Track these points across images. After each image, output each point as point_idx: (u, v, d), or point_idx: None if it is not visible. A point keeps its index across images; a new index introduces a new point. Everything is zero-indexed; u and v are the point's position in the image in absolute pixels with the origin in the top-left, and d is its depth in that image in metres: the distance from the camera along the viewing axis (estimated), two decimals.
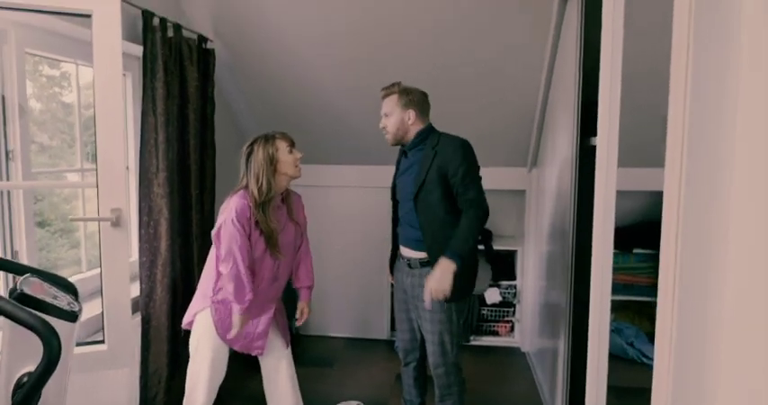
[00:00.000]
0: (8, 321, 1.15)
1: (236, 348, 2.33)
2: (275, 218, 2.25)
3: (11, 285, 1.53)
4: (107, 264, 1.82)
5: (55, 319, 1.18)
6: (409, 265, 2.35)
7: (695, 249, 0.89)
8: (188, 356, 2.42)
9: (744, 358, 0.79)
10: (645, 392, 1.11)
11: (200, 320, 2.30)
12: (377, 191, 3.80)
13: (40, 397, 1.16)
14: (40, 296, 1.18)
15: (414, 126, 2.30)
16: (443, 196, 2.22)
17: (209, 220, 2.89)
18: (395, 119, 2.28)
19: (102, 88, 1.74)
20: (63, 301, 1.23)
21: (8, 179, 2.05)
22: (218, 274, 2.24)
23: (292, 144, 2.31)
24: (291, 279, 2.52)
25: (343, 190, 3.89)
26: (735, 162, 0.81)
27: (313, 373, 3.27)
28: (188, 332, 2.38)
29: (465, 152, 2.22)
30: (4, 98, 2.07)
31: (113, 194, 1.78)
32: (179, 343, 2.62)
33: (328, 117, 3.44)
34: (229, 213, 2.15)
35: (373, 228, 3.83)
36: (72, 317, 1.22)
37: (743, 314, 0.80)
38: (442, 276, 2.07)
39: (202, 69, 2.79)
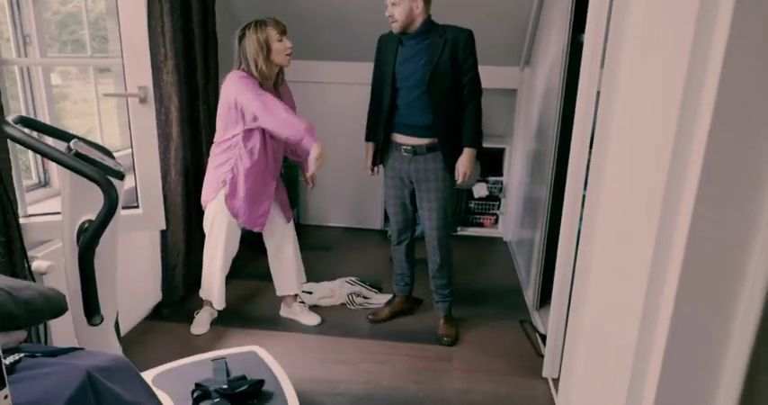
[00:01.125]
0: (68, 175, 1.34)
1: (239, 222, 2.56)
2: None
3: None
4: (137, 137, 2.00)
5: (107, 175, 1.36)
6: (414, 152, 2.53)
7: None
8: (201, 234, 2.68)
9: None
10: None
11: (215, 200, 2.53)
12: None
13: (98, 242, 1.38)
14: (91, 156, 1.36)
15: (420, 15, 2.39)
16: (452, 82, 2.42)
17: (214, 109, 3.00)
18: (403, 7, 2.35)
19: None
20: (109, 162, 1.42)
21: None
22: (225, 155, 2.44)
23: (282, 32, 2.41)
24: (292, 159, 2.76)
25: (339, 86, 3.98)
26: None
27: (313, 256, 3.57)
28: (201, 212, 2.63)
29: (473, 42, 2.43)
30: None
31: (139, 73, 1.92)
32: (193, 221, 2.87)
33: (328, 11, 3.45)
34: (239, 83, 2.32)
35: None
36: (120, 175, 1.41)
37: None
38: (469, 161, 2.49)
39: None
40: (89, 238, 1.30)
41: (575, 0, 2.46)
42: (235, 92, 2.34)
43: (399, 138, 2.57)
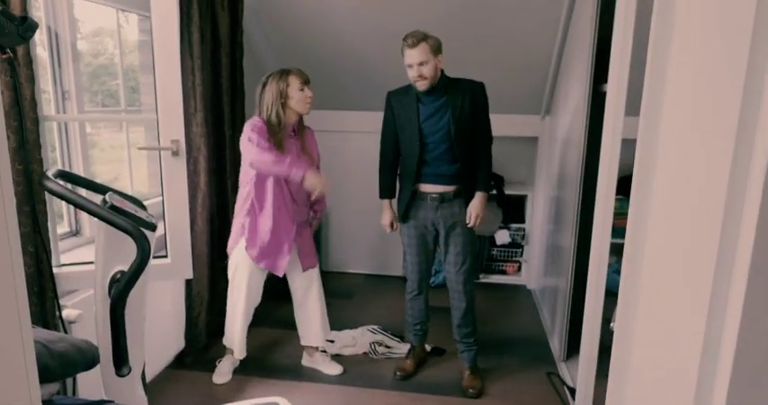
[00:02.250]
0: (102, 227, 1.37)
1: (261, 266, 2.57)
2: (286, 146, 2.48)
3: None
4: (168, 188, 2.06)
5: (139, 227, 1.40)
6: (442, 200, 2.57)
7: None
8: (225, 282, 2.70)
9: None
10: None
11: (238, 247, 2.56)
12: None
13: (129, 293, 1.40)
14: (125, 208, 1.40)
15: (440, 70, 2.47)
16: (473, 132, 2.52)
17: (240, 159, 3.08)
18: (431, 66, 2.40)
19: (160, 26, 1.93)
20: (142, 214, 1.46)
21: None
22: (244, 201, 2.51)
23: (305, 82, 2.49)
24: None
25: (361, 135, 4.05)
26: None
27: (335, 304, 3.55)
28: (226, 259, 2.66)
29: (486, 92, 2.54)
30: (57, 37, 2.25)
31: (172, 127, 2.00)
32: (216, 269, 2.89)
33: (351, 64, 3.56)
34: (247, 129, 2.41)
35: None
36: (152, 227, 1.45)
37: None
38: (482, 205, 2.58)
39: (232, 14, 2.92)
40: (121, 290, 1.32)
41: (595, 51, 2.51)
42: (241, 139, 2.43)
43: (426, 187, 2.59)
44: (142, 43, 3.03)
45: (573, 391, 2.51)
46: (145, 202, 2.17)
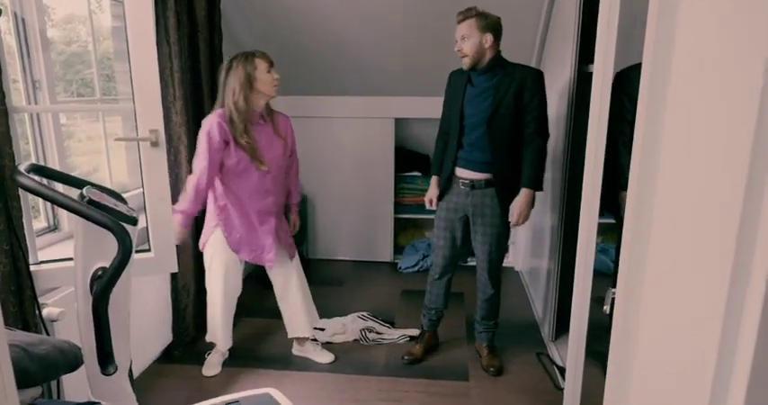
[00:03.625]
0: (81, 223, 1.32)
1: (247, 259, 2.54)
2: (256, 133, 2.42)
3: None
4: (148, 180, 2.00)
5: (120, 222, 1.35)
6: (473, 187, 2.53)
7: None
8: None
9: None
10: None
11: (211, 239, 2.51)
12: (380, 121, 3.92)
13: (112, 290, 1.35)
14: (104, 203, 1.35)
15: (489, 50, 2.39)
16: (515, 121, 2.43)
17: None
18: (473, 41, 2.35)
19: (134, 11, 1.84)
20: (122, 208, 1.40)
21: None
22: (216, 195, 2.46)
23: (271, 64, 2.42)
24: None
25: (346, 120, 4.00)
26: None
27: (323, 291, 3.52)
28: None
29: (542, 81, 2.44)
30: (24, 23, 2.15)
31: (150, 116, 1.93)
32: (202, 261, 2.83)
33: (332, 48, 3.49)
34: (202, 130, 2.34)
35: (377, 157, 3.99)
36: (133, 221, 1.40)
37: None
38: (525, 202, 2.47)
39: None
40: (103, 287, 1.28)
41: (580, 31, 2.48)
42: (200, 132, 2.37)
43: (460, 172, 2.57)
44: (116, 29, 2.92)
45: (562, 371, 2.53)
46: (126, 194, 2.13)
